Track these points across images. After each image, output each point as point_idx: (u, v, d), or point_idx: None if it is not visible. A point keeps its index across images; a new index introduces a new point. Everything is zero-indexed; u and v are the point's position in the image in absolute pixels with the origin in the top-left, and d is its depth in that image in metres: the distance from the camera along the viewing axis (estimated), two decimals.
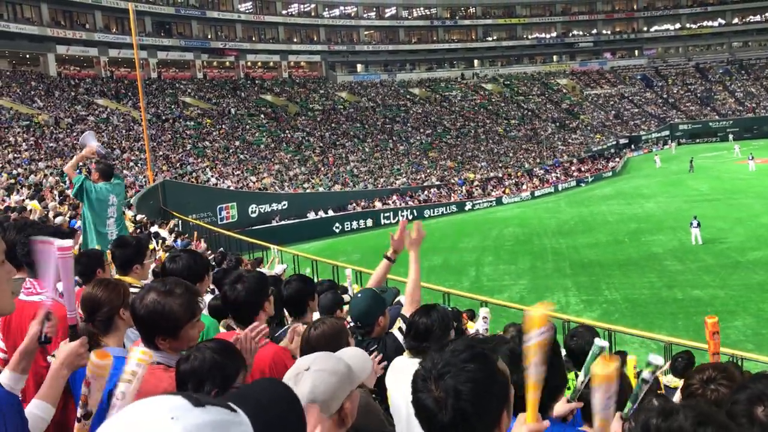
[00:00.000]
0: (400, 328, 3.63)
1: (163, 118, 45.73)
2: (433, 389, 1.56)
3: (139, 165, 35.05)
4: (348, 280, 8.51)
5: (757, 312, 17.71)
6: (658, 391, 4.51)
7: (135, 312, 2.70)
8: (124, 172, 33.37)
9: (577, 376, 2.50)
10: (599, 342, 2.28)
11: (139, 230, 15.04)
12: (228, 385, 2.26)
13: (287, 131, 51.07)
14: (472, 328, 6.72)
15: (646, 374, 2.16)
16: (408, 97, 66.82)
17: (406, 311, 3.71)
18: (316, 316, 4.21)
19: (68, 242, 2.40)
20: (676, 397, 3.90)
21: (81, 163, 8.13)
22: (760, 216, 29.59)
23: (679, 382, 6.59)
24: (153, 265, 6.36)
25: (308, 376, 1.83)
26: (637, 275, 22.11)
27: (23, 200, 14.68)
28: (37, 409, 2.20)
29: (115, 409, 1.90)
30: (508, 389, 1.64)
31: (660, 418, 1.54)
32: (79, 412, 1.96)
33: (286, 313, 4.55)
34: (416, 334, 3.19)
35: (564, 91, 74.21)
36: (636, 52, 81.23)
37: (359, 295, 3.96)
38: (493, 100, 69.70)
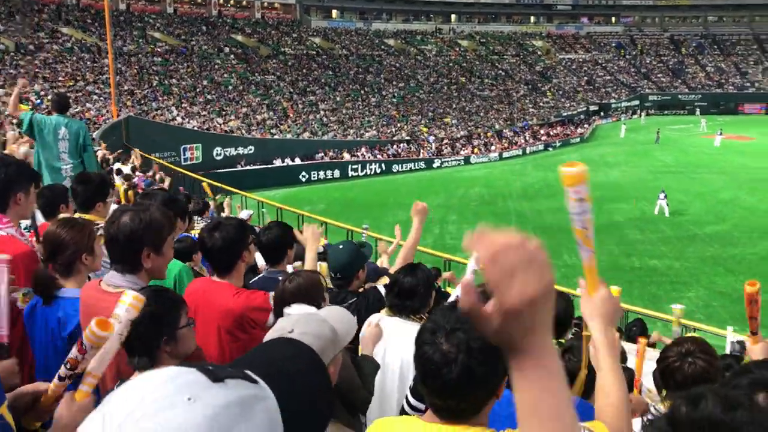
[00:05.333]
0: (385, 285, 3.56)
1: (130, 52, 44.28)
2: (442, 343, 1.49)
3: (102, 99, 34.01)
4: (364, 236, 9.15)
5: (709, 284, 18.20)
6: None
7: (111, 233, 2.58)
8: (87, 105, 32.38)
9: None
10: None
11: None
12: (173, 331, 2.24)
13: (257, 74, 49.94)
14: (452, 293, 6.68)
15: None
16: (383, 47, 65.80)
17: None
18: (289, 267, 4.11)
19: (4, 257, 2.23)
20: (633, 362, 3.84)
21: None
22: (720, 191, 30.24)
23: (632, 347, 6.76)
24: (114, 205, 6.19)
25: None
26: (597, 242, 22.13)
27: None
28: None
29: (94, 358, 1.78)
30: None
31: (689, 406, 1.49)
32: (63, 371, 1.80)
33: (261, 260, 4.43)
34: (400, 292, 3.13)
35: (538, 53, 73.96)
36: (613, 18, 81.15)
37: (340, 246, 3.86)
38: (468, 57, 69.11)
